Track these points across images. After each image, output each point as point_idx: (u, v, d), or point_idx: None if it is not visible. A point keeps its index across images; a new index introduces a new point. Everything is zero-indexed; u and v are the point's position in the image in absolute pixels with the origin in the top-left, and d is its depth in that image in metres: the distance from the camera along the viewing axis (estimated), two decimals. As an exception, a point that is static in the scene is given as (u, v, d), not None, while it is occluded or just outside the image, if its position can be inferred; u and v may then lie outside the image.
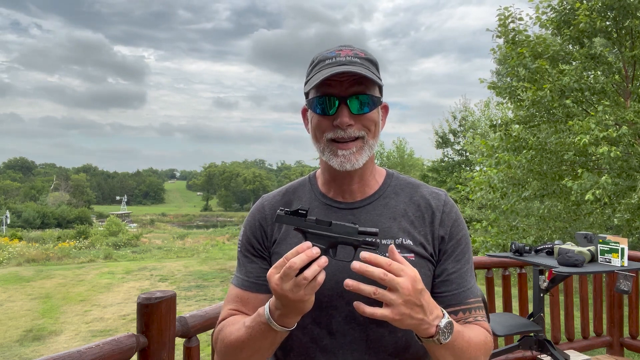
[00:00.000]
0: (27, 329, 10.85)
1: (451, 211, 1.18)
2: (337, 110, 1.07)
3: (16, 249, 24.81)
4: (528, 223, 9.60)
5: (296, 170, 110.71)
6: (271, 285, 0.93)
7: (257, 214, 1.24)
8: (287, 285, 0.90)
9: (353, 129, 1.08)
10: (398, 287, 0.87)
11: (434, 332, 0.93)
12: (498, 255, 3.74)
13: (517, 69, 8.52)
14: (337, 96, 1.07)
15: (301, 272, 0.90)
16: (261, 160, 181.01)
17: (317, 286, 0.92)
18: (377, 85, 1.11)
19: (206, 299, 13.09)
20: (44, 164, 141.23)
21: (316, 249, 0.92)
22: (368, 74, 1.06)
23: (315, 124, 1.12)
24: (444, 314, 0.96)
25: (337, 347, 1.10)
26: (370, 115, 1.10)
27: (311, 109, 1.13)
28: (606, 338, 4.11)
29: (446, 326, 0.94)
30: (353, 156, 1.09)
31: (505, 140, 9.14)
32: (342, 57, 1.09)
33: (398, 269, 0.89)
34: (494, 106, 21.97)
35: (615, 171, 7.65)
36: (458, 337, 0.99)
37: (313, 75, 1.10)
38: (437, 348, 0.97)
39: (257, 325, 1.00)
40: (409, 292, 0.88)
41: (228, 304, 1.20)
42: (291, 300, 0.92)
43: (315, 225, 0.97)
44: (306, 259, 0.90)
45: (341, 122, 1.06)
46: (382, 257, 0.90)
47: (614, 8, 7.72)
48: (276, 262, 0.93)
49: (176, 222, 75.24)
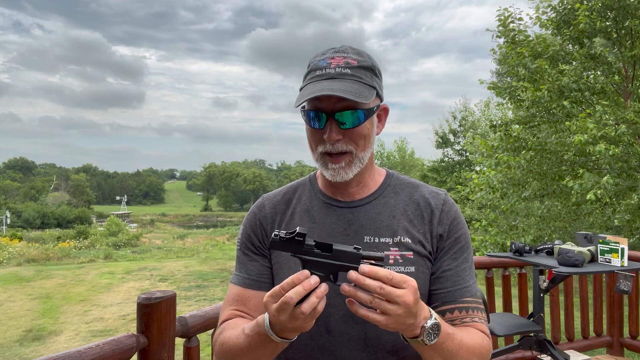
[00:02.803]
0: (27, 329, 10.85)
1: (450, 210, 1.18)
2: (325, 126, 1.07)
3: (16, 249, 24.81)
4: (528, 223, 9.60)
5: (296, 170, 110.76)
6: (268, 313, 0.92)
7: (258, 212, 1.24)
8: (284, 317, 0.88)
9: (341, 143, 1.08)
10: (398, 300, 0.85)
11: (419, 333, 0.92)
12: (498, 255, 3.74)
13: (517, 69, 8.52)
14: (325, 111, 1.07)
15: (300, 302, 0.86)
16: (261, 160, 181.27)
17: (316, 315, 0.89)
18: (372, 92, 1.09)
19: (206, 299, 13.09)
20: (44, 164, 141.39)
21: (315, 278, 0.87)
22: (355, 91, 1.03)
23: (308, 134, 1.14)
24: (432, 315, 0.94)
25: (335, 345, 1.10)
26: (359, 129, 1.08)
27: (304, 120, 1.13)
28: (606, 338, 4.11)
29: (432, 327, 0.92)
30: (343, 170, 1.10)
31: (505, 140, 9.14)
32: (331, 69, 1.07)
33: (400, 281, 0.86)
34: (494, 106, 22.01)
35: (616, 171, 7.65)
36: (447, 339, 0.97)
37: (304, 86, 1.10)
38: (425, 349, 0.95)
39: (256, 335, 0.99)
40: (409, 304, 0.86)
41: (229, 305, 1.19)
42: (290, 328, 0.91)
43: (315, 251, 0.90)
44: (303, 292, 0.85)
45: (329, 137, 1.07)
46: (382, 270, 0.87)
47: (614, 8, 7.72)
48: (272, 290, 0.89)
49: (176, 222, 75.24)
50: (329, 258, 0.90)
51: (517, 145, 8.96)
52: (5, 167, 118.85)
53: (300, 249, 0.90)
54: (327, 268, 0.90)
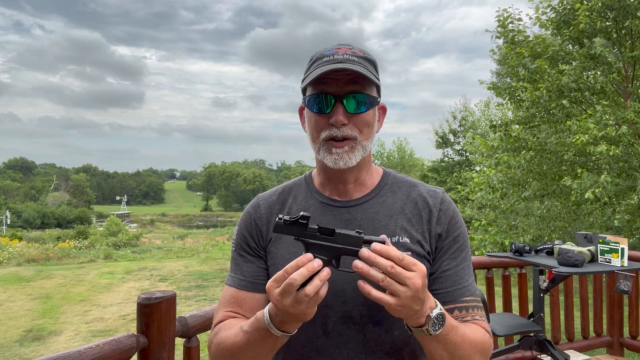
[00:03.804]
0: (27, 329, 10.85)
1: (448, 209, 1.17)
2: (333, 109, 1.07)
3: (16, 249, 24.80)
4: (528, 223, 9.59)
5: (296, 170, 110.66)
6: (270, 299, 0.91)
7: (253, 212, 1.23)
8: (288, 301, 0.88)
9: (346, 128, 1.08)
10: (407, 282, 0.86)
11: (424, 322, 0.92)
12: (498, 255, 3.74)
13: (517, 69, 8.52)
14: (333, 94, 1.06)
15: (302, 286, 0.86)
16: (261, 160, 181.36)
17: (319, 300, 0.89)
18: (375, 85, 1.11)
19: (206, 299, 13.08)
20: (44, 164, 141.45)
21: (318, 261, 0.88)
22: (365, 72, 1.05)
23: (312, 122, 1.12)
24: (437, 305, 0.94)
25: (333, 347, 1.09)
26: (364, 116, 1.09)
27: (308, 107, 1.12)
28: (606, 338, 4.11)
29: (437, 317, 0.92)
30: (346, 154, 1.08)
31: (505, 140, 9.15)
32: (339, 55, 1.08)
33: (410, 263, 0.87)
34: (494, 106, 22.00)
35: (615, 171, 7.65)
36: (451, 331, 0.97)
37: (310, 72, 1.10)
38: (428, 340, 0.95)
39: (255, 331, 0.98)
40: (418, 287, 0.86)
41: (223, 306, 1.17)
42: (292, 314, 0.90)
43: (318, 235, 0.91)
44: (307, 273, 0.86)
45: (336, 120, 1.06)
46: (394, 250, 0.87)
47: (614, 8, 7.72)
48: (275, 275, 0.90)
49: (176, 222, 75.24)
50: (332, 242, 0.91)
51: (517, 145, 8.96)
52: (5, 167, 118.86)
53: (303, 232, 0.91)
54: (330, 252, 0.91)
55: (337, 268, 0.93)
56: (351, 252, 0.91)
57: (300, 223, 0.91)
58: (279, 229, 0.92)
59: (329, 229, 0.92)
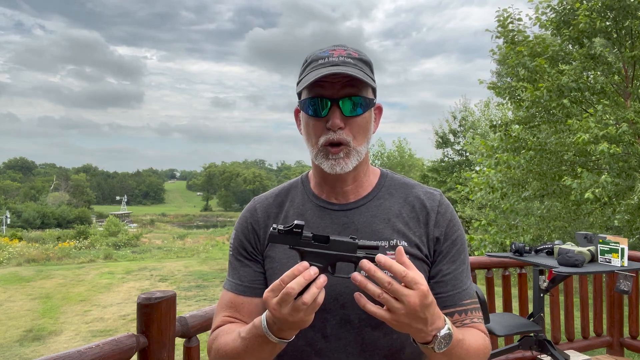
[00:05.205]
0: (27, 329, 10.85)
1: (446, 211, 1.16)
2: (329, 112, 1.06)
3: (16, 249, 24.81)
4: (528, 223, 9.60)
5: (296, 171, 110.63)
6: (268, 308, 0.91)
7: (249, 216, 1.21)
8: (286, 310, 0.87)
9: (342, 132, 1.07)
10: (404, 299, 0.85)
11: (430, 340, 0.92)
12: (498, 255, 3.74)
13: (517, 68, 8.53)
14: (329, 98, 1.06)
15: (300, 294, 0.86)
16: (261, 160, 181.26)
17: (316, 307, 0.89)
18: (370, 86, 1.10)
19: (206, 299, 13.08)
20: (43, 164, 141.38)
21: (314, 269, 0.87)
22: (360, 75, 1.04)
23: (308, 125, 1.11)
24: (446, 324, 0.93)
25: (332, 350, 1.09)
26: (359, 120, 1.08)
27: (303, 110, 1.11)
28: (606, 338, 4.11)
29: (444, 337, 0.92)
30: (342, 160, 1.08)
31: (505, 140, 9.15)
32: (334, 58, 1.07)
33: (412, 282, 0.86)
34: (494, 106, 22.00)
35: (615, 171, 7.65)
36: (457, 346, 0.97)
37: (305, 76, 1.09)
38: (434, 354, 0.95)
39: (253, 338, 0.97)
40: (414, 307, 0.85)
41: (221, 311, 1.17)
42: (290, 322, 0.90)
43: (312, 243, 0.92)
44: (304, 282, 0.86)
45: (332, 123, 1.05)
46: (398, 265, 0.86)
47: (614, 8, 7.72)
48: (272, 284, 0.89)
49: (176, 222, 75.23)
50: (327, 249, 0.92)
51: (517, 145, 8.96)
52: (5, 167, 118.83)
53: (298, 240, 0.91)
54: (325, 259, 0.91)
55: (333, 274, 0.93)
56: (346, 258, 0.91)
57: (294, 232, 0.91)
58: (273, 239, 0.93)
59: (323, 236, 0.92)
